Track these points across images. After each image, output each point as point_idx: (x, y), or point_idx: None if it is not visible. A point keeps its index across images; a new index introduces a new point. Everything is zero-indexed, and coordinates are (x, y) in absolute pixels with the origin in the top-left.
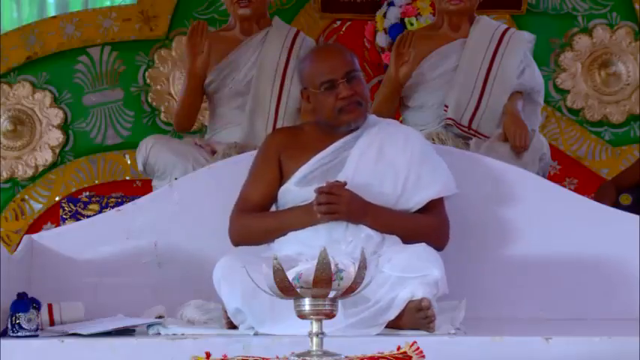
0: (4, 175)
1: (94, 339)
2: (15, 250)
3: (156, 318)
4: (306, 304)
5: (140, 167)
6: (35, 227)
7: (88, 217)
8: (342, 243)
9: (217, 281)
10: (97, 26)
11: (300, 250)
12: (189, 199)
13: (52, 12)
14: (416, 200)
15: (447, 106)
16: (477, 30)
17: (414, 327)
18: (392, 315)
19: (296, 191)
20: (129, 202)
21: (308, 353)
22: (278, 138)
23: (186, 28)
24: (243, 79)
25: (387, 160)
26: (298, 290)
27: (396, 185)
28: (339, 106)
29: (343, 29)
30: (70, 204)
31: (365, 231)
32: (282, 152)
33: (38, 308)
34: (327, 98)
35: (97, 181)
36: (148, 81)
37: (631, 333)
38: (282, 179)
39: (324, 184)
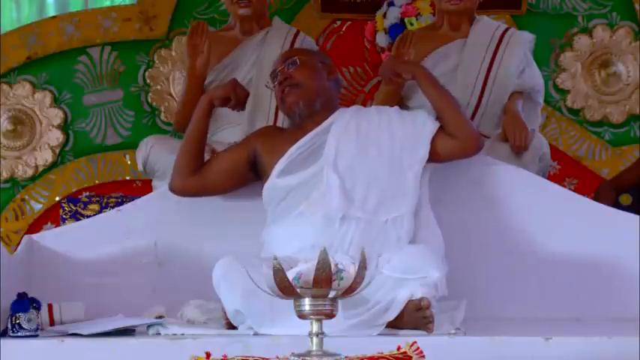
0: (4, 175)
1: (94, 339)
2: (15, 250)
3: (156, 318)
4: (306, 304)
5: (140, 167)
6: (35, 227)
7: (88, 217)
8: (338, 244)
9: (217, 281)
10: (97, 26)
11: (296, 249)
12: (189, 199)
13: (51, 12)
14: (422, 153)
15: None
16: (477, 30)
17: (413, 327)
18: (392, 315)
19: (279, 182)
20: (129, 202)
21: (308, 353)
22: (260, 131)
23: (186, 28)
24: (243, 80)
25: (365, 134)
26: (298, 290)
27: (382, 153)
28: (279, 93)
29: (343, 29)
30: (70, 204)
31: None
32: (261, 144)
33: (38, 308)
34: (275, 90)
35: (97, 181)
36: (148, 81)
37: (631, 333)
38: (261, 174)
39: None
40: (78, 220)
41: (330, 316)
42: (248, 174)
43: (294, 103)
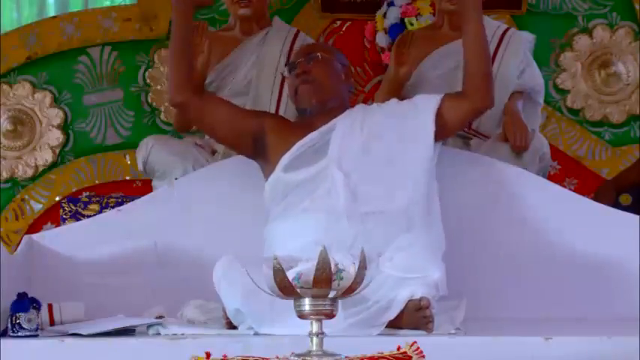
0: (4, 175)
1: (94, 339)
2: (15, 250)
3: (156, 318)
4: (306, 304)
5: (140, 167)
6: (35, 227)
7: (88, 217)
8: (342, 242)
9: (217, 281)
10: (97, 26)
11: (299, 246)
12: (189, 199)
13: (52, 12)
14: (428, 132)
15: None
16: None
17: (413, 327)
18: (392, 315)
19: (284, 178)
20: (129, 202)
21: (308, 353)
22: (272, 114)
23: None
24: (243, 80)
25: (369, 130)
26: (298, 290)
27: (386, 147)
28: (295, 85)
29: (343, 29)
30: (70, 204)
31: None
32: (271, 125)
33: (38, 308)
34: (290, 80)
35: (97, 181)
36: (148, 81)
37: (631, 333)
38: (262, 155)
39: None
40: (78, 220)
41: (330, 316)
42: (247, 139)
43: (307, 98)
